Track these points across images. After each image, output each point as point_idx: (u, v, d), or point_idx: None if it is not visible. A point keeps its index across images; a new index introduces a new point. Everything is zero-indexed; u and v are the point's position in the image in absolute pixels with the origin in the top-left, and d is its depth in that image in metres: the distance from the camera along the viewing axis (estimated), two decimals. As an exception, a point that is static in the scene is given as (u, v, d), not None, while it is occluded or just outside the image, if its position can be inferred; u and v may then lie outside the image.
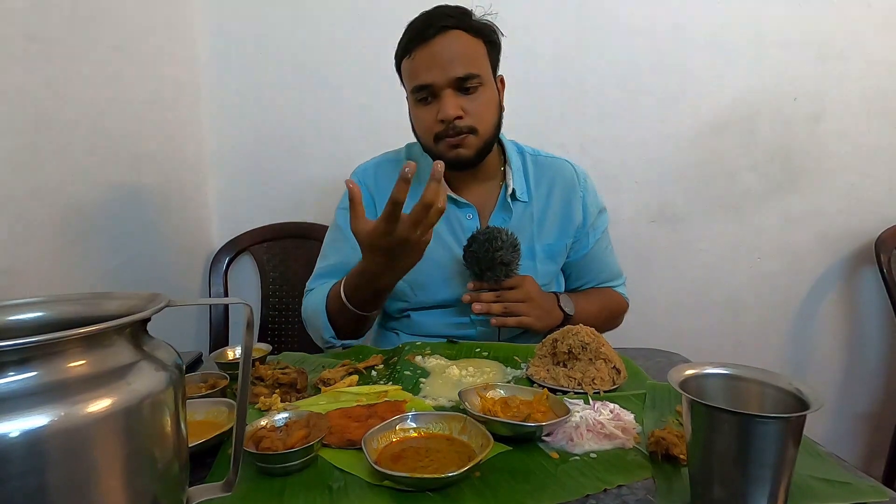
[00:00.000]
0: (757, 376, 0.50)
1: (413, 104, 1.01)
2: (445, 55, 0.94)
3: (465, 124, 0.96)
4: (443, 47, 0.94)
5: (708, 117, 1.58)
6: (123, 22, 1.13)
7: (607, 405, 0.65)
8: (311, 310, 1.04)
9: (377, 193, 1.09)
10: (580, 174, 1.14)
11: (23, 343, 0.31)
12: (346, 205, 1.02)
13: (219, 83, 1.50)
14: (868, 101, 1.57)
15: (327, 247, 1.12)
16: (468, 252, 0.97)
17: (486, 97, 0.98)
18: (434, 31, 0.94)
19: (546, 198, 1.10)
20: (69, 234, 0.97)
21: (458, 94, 0.96)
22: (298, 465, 0.54)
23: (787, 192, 1.62)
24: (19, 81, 0.86)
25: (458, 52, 0.94)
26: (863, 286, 1.66)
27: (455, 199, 1.06)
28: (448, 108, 0.94)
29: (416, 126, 1.03)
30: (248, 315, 0.43)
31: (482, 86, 0.97)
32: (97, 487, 0.34)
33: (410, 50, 0.97)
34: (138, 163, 1.19)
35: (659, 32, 1.53)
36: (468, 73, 0.95)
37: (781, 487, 0.44)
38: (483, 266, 0.95)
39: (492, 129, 1.01)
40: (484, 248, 0.94)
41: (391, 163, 1.12)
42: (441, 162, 0.75)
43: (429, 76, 0.95)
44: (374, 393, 0.72)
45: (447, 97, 0.95)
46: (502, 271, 0.95)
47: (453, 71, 0.94)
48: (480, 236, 0.95)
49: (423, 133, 1.01)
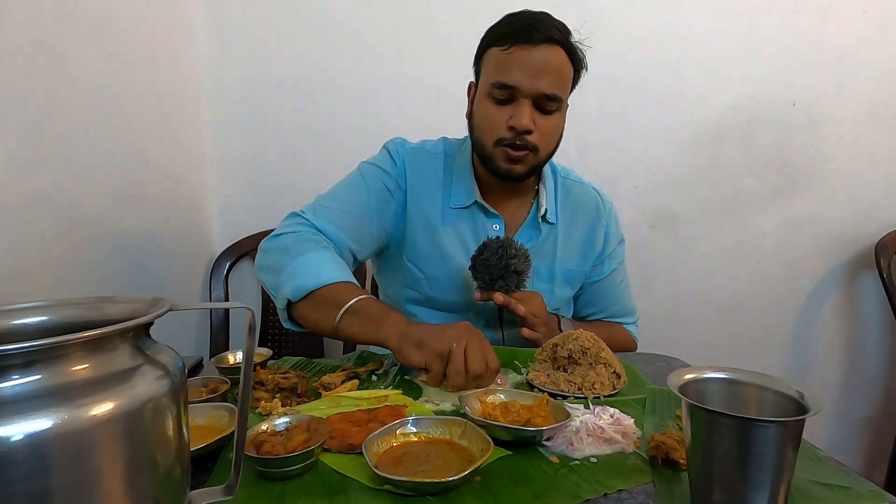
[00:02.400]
0: (756, 380, 0.51)
1: (484, 96, 0.96)
2: (542, 66, 0.91)
3: (532, 141, 0.94)
4: (544, 57, 0.91)
5: (707, 123, 1.58)
6: (126, 29, 1.14)
7: (607, 410, 0.66)
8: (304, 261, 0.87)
9: (410, 172, 1.04)
10: (606, 204, 1.13)
11: (26, 346, 0.32)
12: (380, 164, 1.04)
13: (220, 89, 1.51)
14: (866, 107, 1.58)
15: (342, 189, 1.04)
16: (478, 260, 0.93)
17: (557, 121, 0.96)
18: (541, 37, 0.90)
19: (570, 222, 1.09)
20: (71, 240, 0.97)
21: (535, 109, 0.93)
22: (299, 469, 0.54)
23: (787, 197, 1.62)
24: (22, 87, 0.86)
25: (554, 69, 0.91)
26: (863, 291, 1.66)
27: (484, 207, 1.03)
28: (524, 118, 0.91)
29: (480, 122, 0.98)
30: (249, 319, 0.43)
31: (558, 111, 0.95)
32: (99, 490, 0.34)
33: (509, 44, 0.92)
34: (140, 168, 1.20)
35: (658, 38, 1.54)
36: (554, 94, 0.92)
37: (781, 491, 0.44)
38: (495, 274, 0.91)
39: (550, 154, 1.00)
40: (497, 255, 0.91)
41: (428, 155, 1.07)
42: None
43: (519, 79, 0.91)
44: (375, 397, 0.72)
45: (524, 106, 0.92)
46: (514, 281, 0.92)
47: (543, 85, 0.91)
48: (493, 244, 0.92)
49: (485, 130, 0.97)
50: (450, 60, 1.48)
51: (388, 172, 1.03)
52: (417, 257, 1.04)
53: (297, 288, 0.85)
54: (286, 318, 0.90)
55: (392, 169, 1.04)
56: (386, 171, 1.03)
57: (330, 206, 0.99)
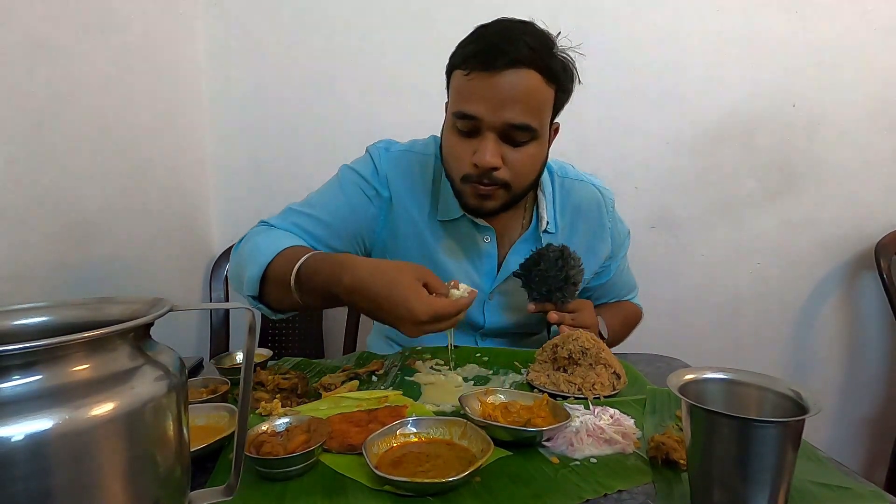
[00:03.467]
0: (756, 381, 0.51)
1: (449, 126, 0.88)
2: (506, 94, 0.80)
3: (501, 177, 0.85)
4: (508, 84, 0.80)
5: (707, 124, 1.58)
6: (125, 28, 1.14)
7: (607, 410, 0.66)
8: (249, 252, 0.86)
9: (393, 180, 0.97)
10: (608, 201, 1.06)
11: (27, 347, 0.32)
12: (360, 169, 0.98)
13: (220, 90, 1.51)
14: (866, 108, 1.58)
15: (317, 195, 0.99)
16: (535, 271, 0.87)
17: (531, 152, 0.86)
18: (505, 62, 0.79)
19: (571, 227, 1.02)
20: (71, 240, 0.97)
21: (502, 142, 0.84)
22: (299, 469, 0.54)
23: (787, 198, 1.62)
24: (22, 87, 0.86)
25: (521, 96, 0.81)
26: (863, 291, 1.66)
27: (474, 221, 0.96)
28: (486, 155, 0.82)
29: (446, 154, 0.90)
30: (250, 320, 0.43)
31: (533, 140, 0.85)
32: (100, 491, 0.34)
33: (469, 69, 0.82)
34: (140, 169, 1.20)
35: (658, 39, 1.54)
36: (523, 124, 0.82)
37: (781, 492, 0.44)
38: (553, 286, 0.86)
39: (527, 186, 0.91)
40: (556, 266, 0.86)
41: (415, 158, 0.99)
42: (475, 294, 0.73)
43: (479, 109, 0.81)
44: (375, 398, 0.72)
45: (489, 141, 0.83)
46: (571, 292, 0.88)
47: (508, 115, 0.81)
48: (550, 255, 0.87)
49: (451, 165, 0.89)
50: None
51: (367, 180, 0.97)
52: None
53: (249, 281, 0.83)
54: (269, 311, 0.87)
55: (372, 176, 0.97)
56: (364, 178, 0.97)
57: (299, 211, 0.96)
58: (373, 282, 0.71)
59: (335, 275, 0.74)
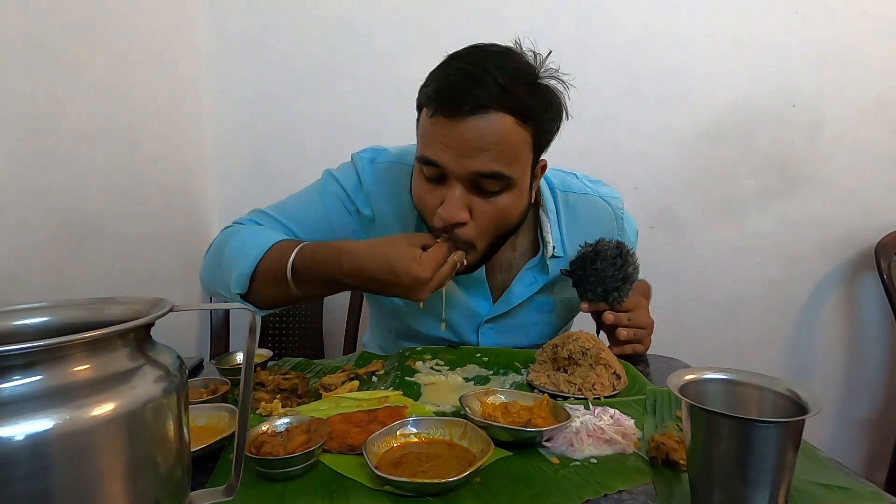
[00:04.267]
0: (756, 381, 0.51)
1: (417, 170, 0.81)
2: (473, 143, 0.71)
3: (465, 236, 0.77)
4: (473, 133, 0.71)
5: (707, 123, 1.58)
6: (124, 28, 1.14)
7: (607, 410, 0.66)
8: (234, 249, 0.82)
9: (376, 195, 0.91)
10: (616, 211, 0.98)
11: (28, 347, 0.32)
12: (342, 179, 0.91)
13: (220, 88, 1.51)
14: (867, 108, 1.58)
15: (295, 200, 0.94)
16: (591, 269, 0.82)
17: (505, 203, 0.77)
18: (470, 107, 0.70)
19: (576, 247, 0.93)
20: (71, 240, 0.97)
21: (471, 192, 0.76)
22: (299, 470, 0.54)
23: (787, 198, 1.62)
24: (20, 87, 0.86)
25: (490, 144, 0.72)
26: (863, 291, 1.66)
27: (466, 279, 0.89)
28: (451, 209, 0.74)
29: (416, 202, 0.83)
30: (250, 320, 0.43)
31: (507, 189, 0.76)
32: (100, 491, 0.34)
33: (432, 111, 0.74)
34: (140, 168, 1.20)
35: (658, 38, 1.54)
36: (493, 172, 0.73)
37: (781, 492, 0.44)
38: (610, 285, 0.82)
39: (498, 239, 0.82)
40: (615, 265, 0.81)
41: (405, 171, 0.90)
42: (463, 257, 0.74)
43: (443, 157, 0.73)
44: (375, 398, 0.72)
45: (454, 192, 0.74)
46: (627, 291, 0.84)
47: (475, 164, 0.72)
48: (608, 251, 0.82)
49: (421, 214, 0.83)
50: (450, 61, 1.48)
51: (349, 194, 0.91)
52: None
53: (237, 279, 0.81)
54: (255, 309, 0.84)
55: (354, 191, 0.91)
56: (346, 192, 0.91)
57: (272, 217, 0.90)
58: (372, 262, 0.73)
59: (335, 262, 0.75)
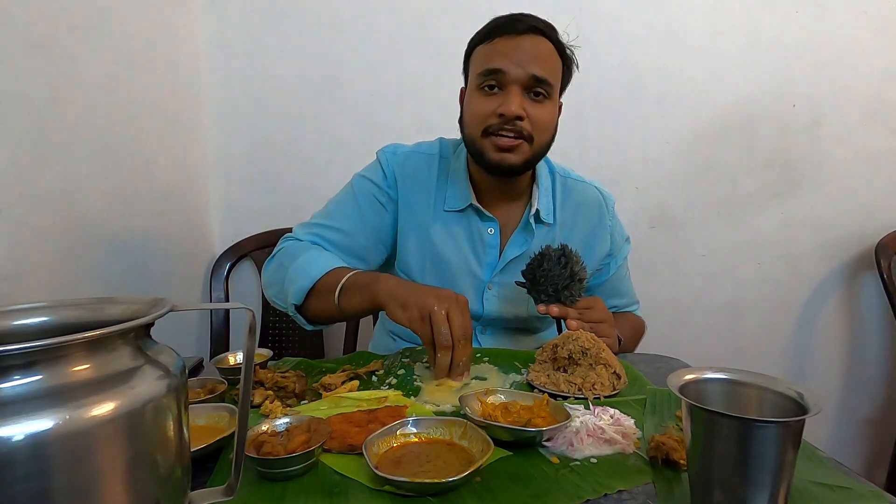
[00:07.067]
0: (756, 381, 0.51)
1: (472, 90, 0.94)
2: (529, 52, 0.89)
3: (525, 128, 0.90)
4: (530, 45, 0.89)
5: (707, 123, 1.58)
6: (125, 29, 1.14)
7: (607, 410, 0.66)
8: (297, 265, 0.93)
9: (401, 181, 1.02)
10: (609, 203, 1.09)
11: (28, 347, 0.32)
12: (371, 176, 1.03)
13: (220, 90, 1.51)
14: (866, 107, 1.58)
15: (335, 206, 1.04)
16: (539, 272, 0.88)
17: (550, 110, 0.93)
18: (524, 27, 0.90)
19: (571, 223, 1.05)
20: (71, 240, 0.97)
21: (526, 96, 0.90)
22: (299, 469, 0.54)
23: (787, 198, 1.62)
24: (21, 88, 0.86)
25: (542, 56, 0.90)
26: (863, 291, 1.66)
27: (479, 210, 1.00)
28: (512, 104, 0.88)
29: (467, 114, 0.96)
30: (250, 320, 0.43)
31: (550, 99, 0.92)
32: (100, 491, 0.34)
33: (493, 37, 0.91)
34: (140, 169, 1.20)
35: (658, 39, 1.54)
36: (545, 77, 0.89)
37: (781, 492, 0.44)
38: (560, 284, 0.87)
39: (546, 145, 0.96)
40: (560, 265, 0.87)
41: (423, 157, 1.05)
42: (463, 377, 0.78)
43: (505, 63, 0.89)
44: (375, 398, 0.72)
45: (514, 93, 0.89)
46: (578, 289, 0.88)
47: (532, 68, 0.89)
48: (552, 254, 0.88)
49: (472, 122, 0.94)
50: (450, 60, 1.47)
51: (379, 185, 1.02)
52: (408, 266, 1.03)
53: (296, 292, 0.90)
54: (303, 321, 0.95)
55: (382, 181, 1.02)
56: (377, 185, 1.02)
57: (321, 224, 1.01)
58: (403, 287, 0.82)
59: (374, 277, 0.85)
